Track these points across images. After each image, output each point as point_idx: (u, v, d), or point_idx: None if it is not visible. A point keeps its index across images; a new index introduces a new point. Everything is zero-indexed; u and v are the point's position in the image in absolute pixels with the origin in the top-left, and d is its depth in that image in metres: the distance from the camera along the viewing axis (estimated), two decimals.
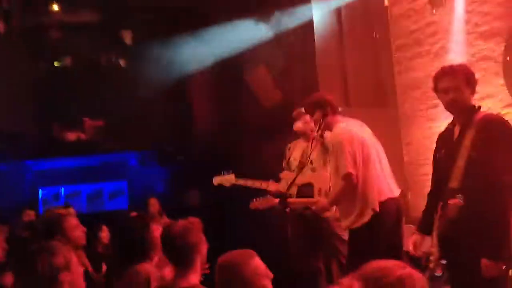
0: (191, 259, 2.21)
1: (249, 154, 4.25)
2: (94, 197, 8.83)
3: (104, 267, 3.73)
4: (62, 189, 8.56)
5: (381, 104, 5.75)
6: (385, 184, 3.27)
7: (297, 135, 4.35)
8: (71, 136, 7.44)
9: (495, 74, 5.08)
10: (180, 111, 7.76)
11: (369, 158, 3.24)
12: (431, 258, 2.53)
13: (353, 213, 3.20)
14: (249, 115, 6.48)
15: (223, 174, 4.45)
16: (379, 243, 2.98)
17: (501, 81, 5.01)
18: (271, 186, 4.12)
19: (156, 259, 2.83)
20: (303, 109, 4.28)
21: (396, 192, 3.30)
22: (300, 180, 3.81)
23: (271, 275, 2.08)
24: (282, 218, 3.25)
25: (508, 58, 4.93)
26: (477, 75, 5.09)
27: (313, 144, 4.04)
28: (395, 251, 3.03)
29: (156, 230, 2.69)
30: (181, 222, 2.26)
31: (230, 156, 4.08)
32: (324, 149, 4.09)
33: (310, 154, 3.89)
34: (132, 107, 7.21)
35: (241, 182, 4.34)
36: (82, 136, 7.51)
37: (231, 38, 6.05)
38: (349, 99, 5.52)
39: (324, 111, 3.43)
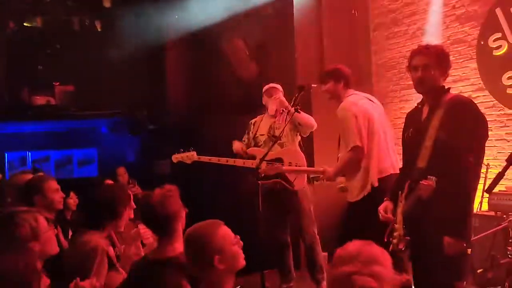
0: (173, 227, 2.18)
1: (222, 126, 4.20)
2: (63, 164, 8.67)
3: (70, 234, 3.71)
4: (29, 154, 8.38)
5: (357, 82, 5.74)
6: (388, 160, 3.31)
7: (261, 111, 4.35)
8: (40, 100, 7.23)
9: (468, 58, 5.17)
10: (154, 80, 7.62)
11: (374, 133, 3.27)
12: (395, 234, 2.60)
13: (357, 186, 3.27)
14: (225, 87, 6.42)
15: (182, 151, 4.28)
16: (374, 217, 3.00)
17: (474, 65, 5.10)
18: (238, 162, 4.11)
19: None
20: (276, 85, 4.28)
21: (394, 169, 3.32)
22: (269, 155, 3.82)
23: (240, 242, 2.09)
24: (253, 191, 3.26)
25: (482, 43, 5.01)
26: (451, 58, 5.21)
27: (286, 119, 4.05)
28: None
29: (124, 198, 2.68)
30: (159, 191, 2.22)
31: (203, 126, 3.99)
32: (293, 125, 4.12)
33: (284, 129, 3.90)
34: (104, 73, 7.04)
35: (204, 159, 4.25)
36: (52, 100, 7.31)
37: (209, 8, 5.93)
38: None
39: (337, 83, 3.45)
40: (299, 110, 3.83)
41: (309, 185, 4.16)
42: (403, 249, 2.57)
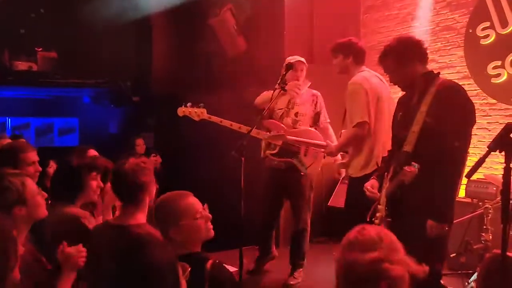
0: (140, 198, 2.19)
1: (208, 100, 4.12)
2: (44, 132, 8.54)
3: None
4: (9, 120, 8.21)
5: None
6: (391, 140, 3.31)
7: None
8: (22, 65, 7.04)
9: (456, 45, 5.19)
10: (140, 50, 7.48)
11: (382, 112, 3.23)
12: (377, 214, 2.64)
13: (359, 163, 3.23)
14: (211, 60, 6.34)
15: (191, 105, 3.85)
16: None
17: (461, 53, 5.13)
18: (253, 132, 3.70)
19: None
20: (303, 59, 4.05)
21: None
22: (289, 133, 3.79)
23: (208, 216, 2.15)
24: (238, 167, 3.20)
25: (470, 31, 5.03)
26: (439, 45, 5.27)
27: (315, 102, 4.01)
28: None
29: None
30: (133, 160, 2.22)
31: (188, 100, 3.86)
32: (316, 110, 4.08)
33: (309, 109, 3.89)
34: (89, 41, 6.87)
35: (216, 119, 3.84)
36: (34, 66, 7.12)
37: None
38: (313, 55, 5.50)
39: (346, 57, 3.37)
40: (285, 88, 3.80)
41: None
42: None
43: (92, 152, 3.67)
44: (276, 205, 4.24)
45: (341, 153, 3.59)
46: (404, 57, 2.60)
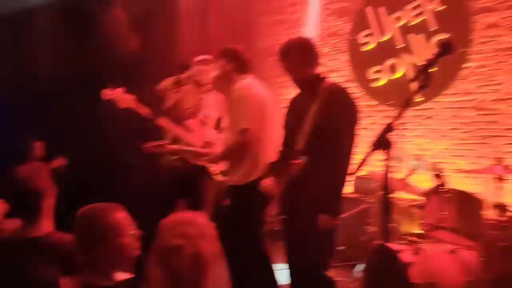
0: (39, 205, 1.99)
1: (96, 101, 3.87)
2: None
3: None
4: None
5: None
6: (275, 147, 3.22)
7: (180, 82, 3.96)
8: None
9: (341, 50, 5.52)
10: (18, 49, 6.86)
11: (267, 120, 3.17)
12: (271, 213, 2.70)
13: (241, 171, 3.13)
14: (103, 58, 6.02)
15: (118, 90, 3.60)
16: (258, 204, 2.96)
17: (346, 57, 5.48)
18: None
19: None
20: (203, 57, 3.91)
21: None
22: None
23: (137, 232, 1.87)
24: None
25: (353, 38, 5.39)
26: (325, 50, 5.56)
27: (209, 100, 3.85)
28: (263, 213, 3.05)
29: None
30: (26, 166, 2.01)
31: (79, 99, 3.57)
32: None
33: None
34: None
35: (143, 111, 3.58)
36: None
37: None
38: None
39: (228, 63, 3.26)
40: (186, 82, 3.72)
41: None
42: (278, 228, 2.67)
43: None
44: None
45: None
46: (306, 57, 2.71)
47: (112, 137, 4.95)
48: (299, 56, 2.69)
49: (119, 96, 3.60)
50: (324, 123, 2.55)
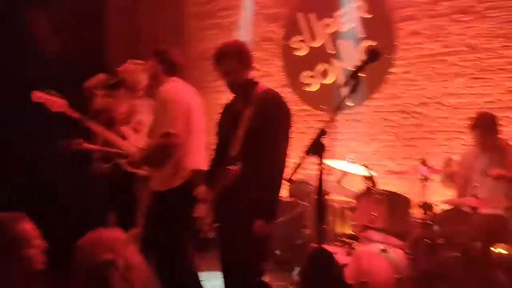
0: None
1: (25, 102, 3.61)
2: None
3: None
4: None
5: None
6: (200, 155, 3.18)
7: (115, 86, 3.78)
8: None
9: (275, 55, 5.58)
10: None
11: (192, 125, 3.11)
12: (205, 221, 2.65)
13: (163, 176, 3.05)
14: (25, 61, 5.67)
15: (49, 92, 3.44)
16: (181, 210, 2.92)
17: (279, 62, 5.54)
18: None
19: None
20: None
21: (205, 165, 3.24)
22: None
23: (42, 244, 1.82)
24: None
25: (286, 43, 5.47)
26: (259, 54, 5.60)
27: (143, 106, 3.71)
28: (189, 219, 3.04)
29: None
30: None
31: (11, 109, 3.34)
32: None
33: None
34: None
35: (76, 115, 3.42)
36: None
37: None
38: (140, 58, 5.34)
39: (158, 63, 3.19)
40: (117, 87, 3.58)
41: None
42: (212, 236, 2.63)
43: None
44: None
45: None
46: (244, 60, 2.69)
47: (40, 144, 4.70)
48: (235, 60, 2.66)
49: (50, 99, 3.44)
50: (258, 128, 2.54)
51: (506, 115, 4.15)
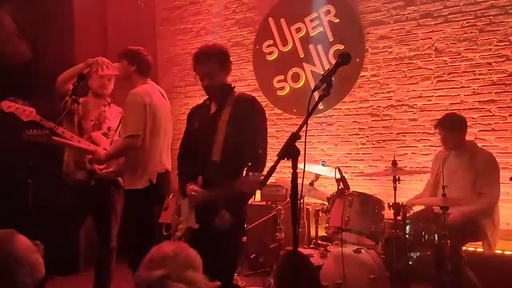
0: None
1: None
2: None
3: None
4: None
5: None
6: (165, 157, 3.27)
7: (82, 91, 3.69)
8: None
9: (246, 60, 5.60)
10: None
11: (158, 127, 3.17)
12: (180, 226, 2.65)
13: (131, 176, 3.14)
14: None
15: (19, 102, 3.36)
16: (149, 210, 3.01)
17: (251, 67, 5.56)
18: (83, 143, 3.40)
19: None
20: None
21: (169, 166, 3.31)
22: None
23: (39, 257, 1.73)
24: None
25: (257, 47, 5.49)
26: (231, 59, 5.58)
27: (112, 112, 3.66)
28: (153, 221, 3.07)
29: None
30: None
31: None
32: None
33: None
34: None
35: (47, 124, 3.32)
36: None
37: None
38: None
39: (130, 64, 3.22)
40: (78, 101, 3.51)
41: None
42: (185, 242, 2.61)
43: None
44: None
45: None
46: (224, 64, 2.69)
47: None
48: (216, 63, 2.65)
49: (20, 108, 3.34)
50: (237, 132, 2.56)
51: (471, 116, 4.28)
